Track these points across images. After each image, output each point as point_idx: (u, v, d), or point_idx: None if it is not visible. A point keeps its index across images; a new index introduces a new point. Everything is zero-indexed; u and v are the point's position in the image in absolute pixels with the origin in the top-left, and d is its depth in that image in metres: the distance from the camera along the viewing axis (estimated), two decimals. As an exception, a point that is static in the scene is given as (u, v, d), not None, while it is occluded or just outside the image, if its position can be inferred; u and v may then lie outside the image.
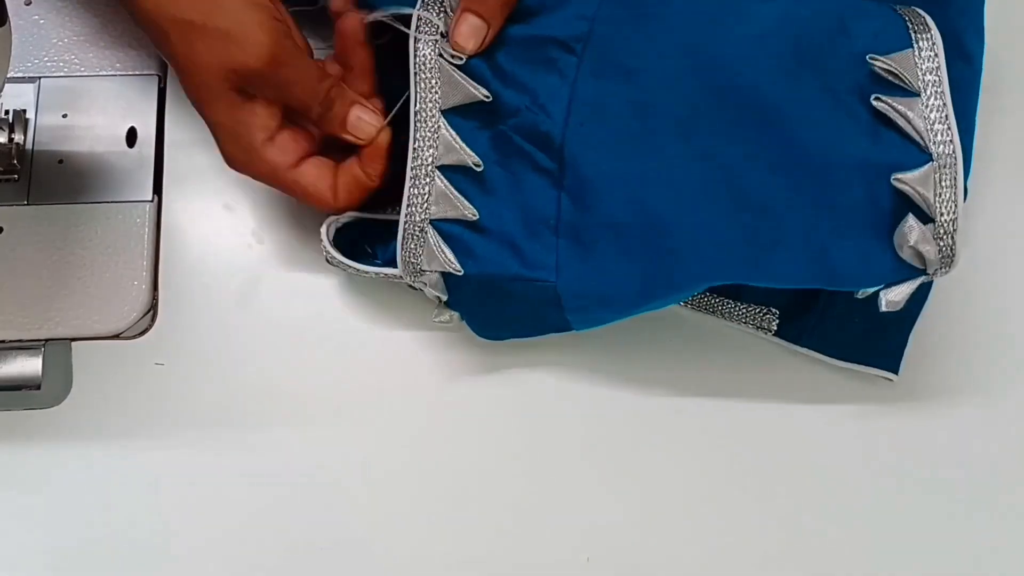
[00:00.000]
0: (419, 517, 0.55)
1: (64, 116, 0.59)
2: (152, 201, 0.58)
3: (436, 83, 0.52)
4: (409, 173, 0.52)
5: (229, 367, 0.56)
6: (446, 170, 0.52)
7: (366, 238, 0.56)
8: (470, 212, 0.52)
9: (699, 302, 0.57)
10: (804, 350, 0.57)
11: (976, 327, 0.58)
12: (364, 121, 0.53)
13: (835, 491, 0.56)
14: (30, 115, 0.58)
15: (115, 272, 0.57)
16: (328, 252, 0.54)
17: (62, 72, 0.59)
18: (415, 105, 0.52)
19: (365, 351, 0.57)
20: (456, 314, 0.55)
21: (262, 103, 0.51)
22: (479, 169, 0.52)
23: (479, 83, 0.52)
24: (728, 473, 0.56)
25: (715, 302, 0.57)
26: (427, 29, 0.52)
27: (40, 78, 0.59)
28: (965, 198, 0.52)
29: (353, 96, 0.53)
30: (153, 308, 0.57)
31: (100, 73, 0.60)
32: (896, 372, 0.57)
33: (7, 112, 0.58)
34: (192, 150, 0.59)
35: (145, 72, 0.60)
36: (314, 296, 0.58)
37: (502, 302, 0.53)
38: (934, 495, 0.56)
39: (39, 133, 0.58)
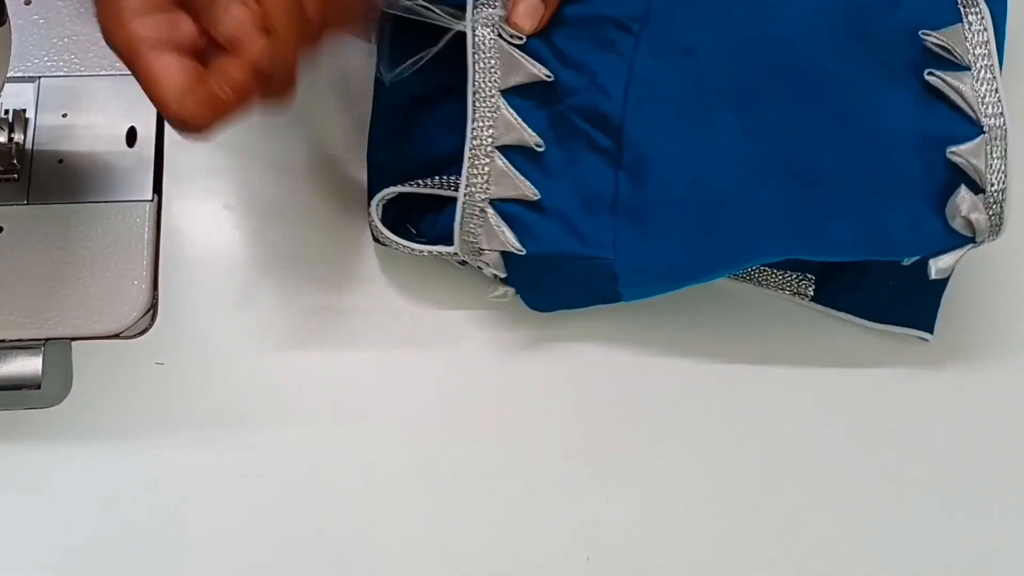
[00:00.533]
0: (419, 516, 0.55)
1: (64, 116, 0.59)
2: (152, 201, 0.58)
3: (495, 63, 0.52)
4: (468, 153, 0.52)
5: (229, 367, 0.56)
6: (505, 150, 0.52)
7: (408, 216, 0.56)
8: (531, 192, 0.52)
9: None
10: (839, 314, 0.57)
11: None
12: (233, 16, 0.44)
13: (838, 488, 0.56)
14: (30, 115, 0.58)
15: (115, 272, 0.57)
16: (377, 230, 0.55)
17: (62, 72, 0.59)
18: (472, 85, 0.52)
19: (365, 351, 0.57)
20: (511, 289, 0.55)
21: None
22: (540, 150, 0.52)
23: (548, 77, 0.52)
24: (730, 472, 0.56)
25: (752, 270, 0.57)
26: (485, 10, 0.52)
27: (40, 78, 0.59)
28: None
29: None
30: (153, 308, 0.57)
31: (100, 73, 0.60)
32: (931, 332, 0.57)
33: (7, 112, 0.58)
34: (192, 150, 0.59)
35: (145, 72, 0.60)
36: (314, 296, 0.58)
37: (558, 279, 0.54)
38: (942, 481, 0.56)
39: (39, 133, 0.58)
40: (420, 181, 0.56)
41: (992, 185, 0.50)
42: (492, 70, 0.52)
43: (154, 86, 0.46)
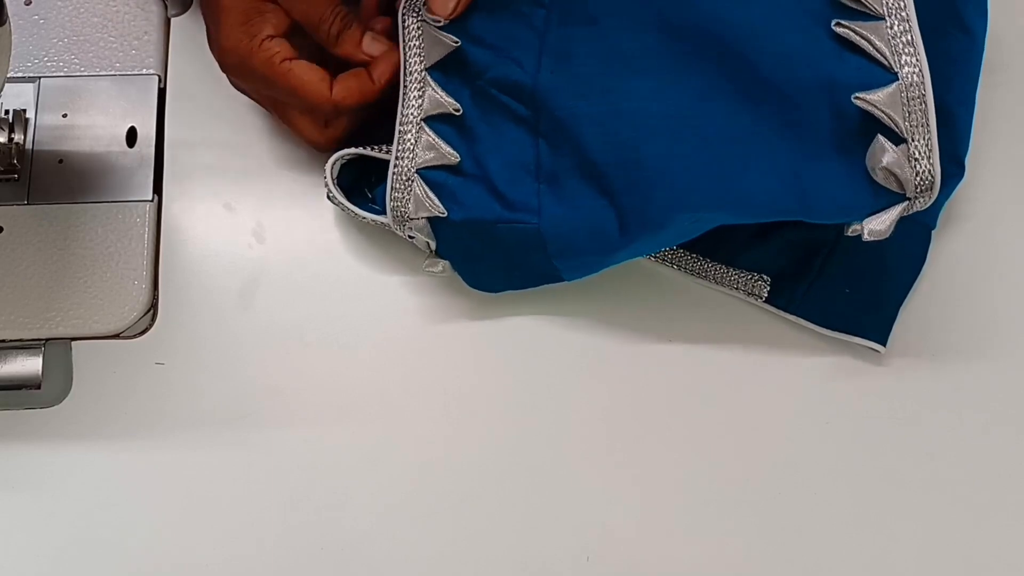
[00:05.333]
0: (419, 516, 0.55)
1: (64, 116, 0.59)
2: (152, 201, 0.58)
3: (421, 45, 0.55)
4: (398, 128, 0.55)
5: (229, 367, 0.56)
6: (431, 121, 0.55)
7: (366, 180, 0.57)
8: (452, 155, 0.54)
9: (691, 266, 0.58)
10: (793, 318, 0.57)
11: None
12: (377, 43, 0.56)
13: (840, 489, 0.56)
14: (30, 115, 0.58)
15: (115, 272, 0.57)
16: (330, 189, 0.56)
17: (62, 72, 0.60)
18: (404, 66, 0.55)
19: (366, 351, 0.57)
20: (447, 263, 0.56)
21: (278, 8, 0.54)
22: (458, 114, 0.54)
23: (455, 42, 0.55)
24: (731, 471, 0.56)
25: (707, 267, 0.57)
26: (412, 2, 0.55)
27: (40, 78, 0.59)
28: (963, 174, 0.53)
29: (365, 24, 0.56)
30: (153, 308, 0.57)
31: (100, 73, 0.60)
32: (884, 344, 0.57)
33: (7, 112, 0.58)
34: (192, 150, 0.59)
35: (145, 72, 0.60)
36: (314, 296, 0.58)
37: (489, 247, 0.55)
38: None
39: (39, 133, 0.58)
40: (373, 147, 0.57)
41: (914, 137, 0.48)
42: (418, 52, 0.55)
43: (301, 87, 0.54)
